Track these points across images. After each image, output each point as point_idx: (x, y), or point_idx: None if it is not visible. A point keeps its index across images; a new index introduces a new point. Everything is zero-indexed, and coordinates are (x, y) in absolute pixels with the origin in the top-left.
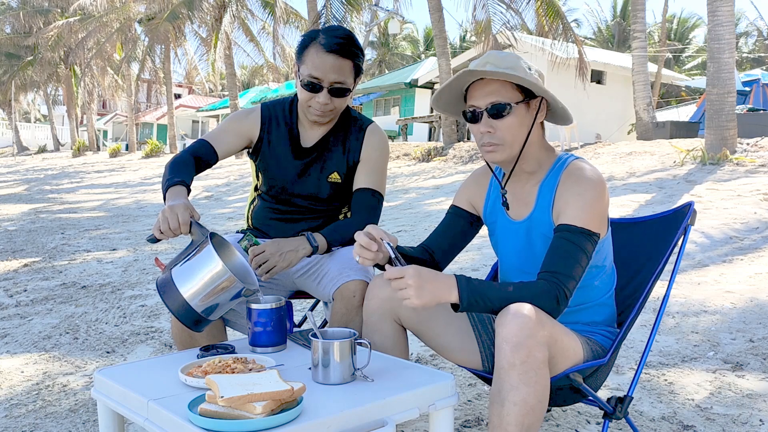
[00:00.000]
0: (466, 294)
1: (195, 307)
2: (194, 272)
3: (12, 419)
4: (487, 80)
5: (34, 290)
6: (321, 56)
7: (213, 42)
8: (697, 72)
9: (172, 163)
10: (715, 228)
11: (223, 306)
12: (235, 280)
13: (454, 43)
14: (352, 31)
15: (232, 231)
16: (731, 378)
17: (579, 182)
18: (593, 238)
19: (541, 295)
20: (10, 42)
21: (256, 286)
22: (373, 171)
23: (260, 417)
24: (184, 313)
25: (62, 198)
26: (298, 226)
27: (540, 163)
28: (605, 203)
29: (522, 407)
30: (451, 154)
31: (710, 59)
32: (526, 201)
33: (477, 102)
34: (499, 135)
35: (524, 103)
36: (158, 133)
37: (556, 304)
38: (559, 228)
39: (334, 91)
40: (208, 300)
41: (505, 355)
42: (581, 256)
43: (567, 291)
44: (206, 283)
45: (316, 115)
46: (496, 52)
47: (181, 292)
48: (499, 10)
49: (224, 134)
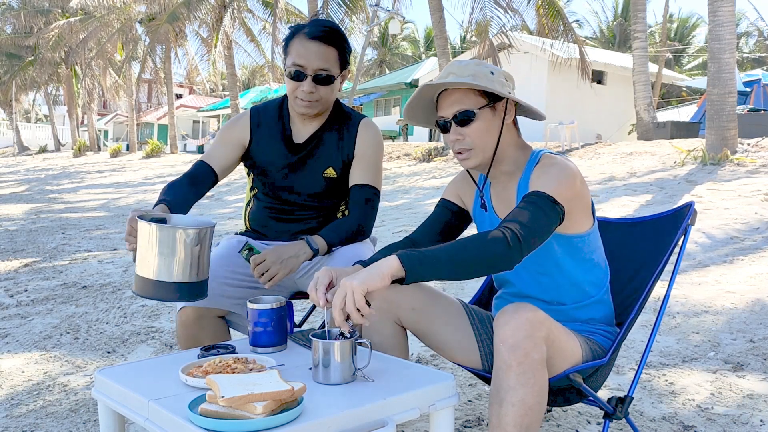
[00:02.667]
0: (407, 259)
1: (174, 278)
2: (144, 253)
3: (12, 419)
4: (451, 90)
5: (35, 290)
6: (304, 44)
7: (213, 42)
8: (698, 72)
9: (164, 188)
10: (715, 228)
11: (196, 259)
12: (178, 229)
13: (455, 43)
14: (338, 25)
15: (231, 231)
16: (732, 378)
17: (546, 165)
18: (556, 207)
19: (488, 242)
20: (10, 42)
21: (207, 224)
22: (368, 166)
23: (261, 417)
24: (170, 291)
25: (63, 198)
26: (296, 226)
27: (517, 163)
28: (577, 188)
29: (520, 407)
30: (451, 154)
31: (711, 59)
32: (508, 201)
33: (444, 112)
34: (468, 141)
35: (489, 108)
36: (159, 133)
37: (507, 246)
38: (524, 196)
39: (318, 79)
40: (176, 263)
41: (502, 355)
42: (538, 213)
43: (519, 234)
44: (159, 252)
45: (303, 106)
46: (457, 61)
47: (149, 278)
48: (497, 14)
49: (216, 148)
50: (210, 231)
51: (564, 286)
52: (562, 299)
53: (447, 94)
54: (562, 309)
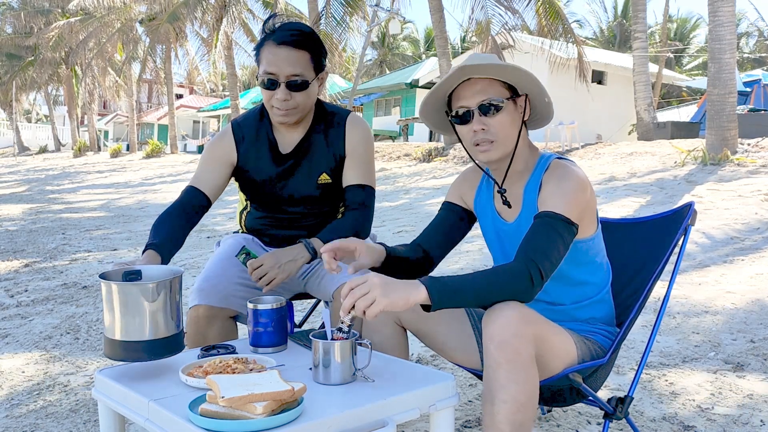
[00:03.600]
0: (435, 290)
1: (141, 337)
2: (108, 313)
3: (13, 419)
4: (475, 80)
5: (35, 290)
6: (273, 50)
7: (214, 42)
8: (698, 72)
9: (154, 223)
10: (715, 228)
11: (162, 313)
12: (137, 284)
13: (455, 43)
14: (310, 27)
15: (231, 231)
16: (732, 378)
17: (559, 178)
18: (571, 228)
19: (512, 277)
20: (11, 42)
21: (169, 276)
22: (360, 165)
23: (261, 417)
24: (138, 350)
25: (63, 198)
26: (296, 233)
27: (526, 162)
28: (587, 198)
29: (512, 405)
30: (451, 154)
31: (711, 60)
32: (515, 202)
33: (466, 102)
34: (493, 132)
35: (512, 101)
36: (159, 133)
37: (530, 284)
38: (539, 215)
39: (291, 86)
40: (142, 321)
41: (491, 353)
42: (557, 240)
43: (542, 271)
44: (122, 311)
45: (280, 115)
46: (476, 54)
47: (115, 339)
48: (498, 12)
49: (204, 171)
50: (175, 280)
51: (566, 287)
52: (562, 300)
53: (470, 83)
54: (562, 308)
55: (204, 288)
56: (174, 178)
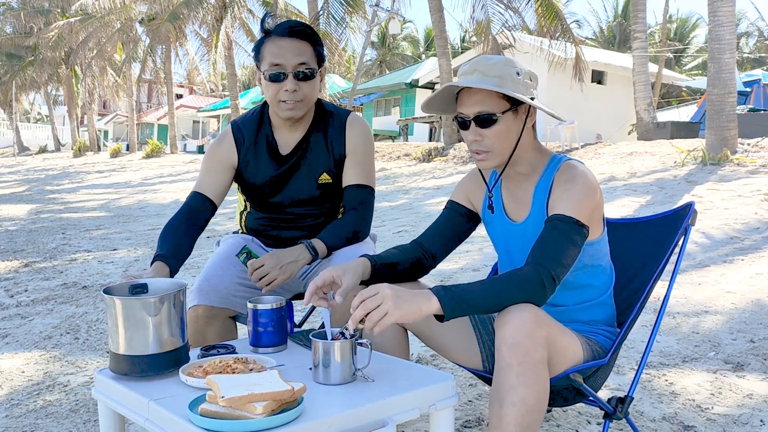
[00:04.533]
0: (448, 300)
1: (145, 351)
2: (113, 327)
3: (13, 419)
4: (474, 89)
5: (35, 290)
6: (278, 43)
7: (214, 42)
8: (698, 72)
9: (161, 232)
10: (715, 228)
11: (166, 327)
12: (140, 299)
13: (455, 43)
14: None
15: (231, 231)
16: (732, 378)
17: (570, 180)
18: (582, 231)
19: (525, 283)
20: (10, 42)
21: (173, 290)
22: (360, 164)
23: (261, 417)
24: (142, 365)
25: (63, 198)
26: (299, 233)
27: (533, 165)
28: (596, 201)
29: (521, 407)
30: (451, 154)
31: (711, 60)
32: (523, 203)
33: (464, 110)
34: (487, 143)
35: (511, 112)
36: (159, 133)
37: (542, 289)
38: (550, 218)
39: (300, 75)
40: (144, 335)
41: (503, 355)
42: (569, 244)
43: (554, 275)
44: (125, 325)
45: (287, 109)
46: (485, 58)
47: (119, 353)
48: (498, 11)
49: (207, 175)
50: (179, 294)
51: (568, 290)
52: (564, 302)
53: (469, 92)
54: (563, 310)
55: (203, 288)
56: (174, 178)
